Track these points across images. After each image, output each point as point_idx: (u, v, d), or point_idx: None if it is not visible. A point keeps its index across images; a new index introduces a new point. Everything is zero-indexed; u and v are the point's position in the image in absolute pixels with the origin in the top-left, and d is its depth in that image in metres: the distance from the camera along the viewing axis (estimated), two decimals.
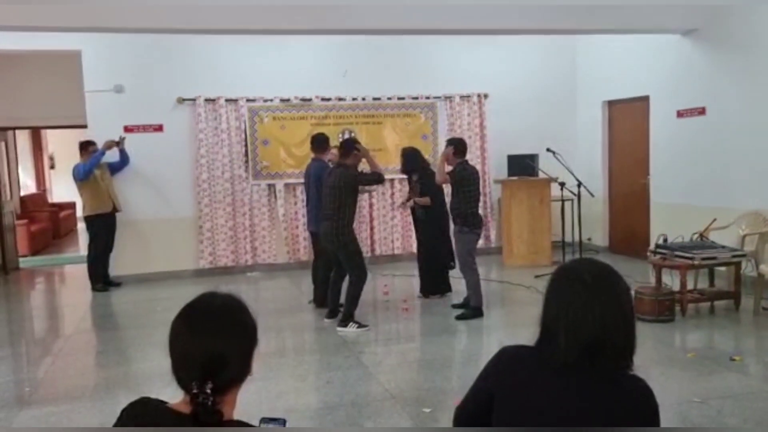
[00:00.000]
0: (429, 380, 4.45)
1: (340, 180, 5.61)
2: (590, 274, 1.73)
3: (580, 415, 1.64)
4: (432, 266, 6.71)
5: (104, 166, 7.73)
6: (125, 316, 6.64)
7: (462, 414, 1.94)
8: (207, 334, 1.45)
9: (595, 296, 1.68)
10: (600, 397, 1.67)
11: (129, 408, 1.51)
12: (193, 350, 1.44)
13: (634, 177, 8.59)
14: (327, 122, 8.50)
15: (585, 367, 1.67)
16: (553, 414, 1.65)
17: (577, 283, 1.72)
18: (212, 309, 1.51)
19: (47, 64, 8.85)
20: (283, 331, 5.85)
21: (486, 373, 1.85)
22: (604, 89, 8.91)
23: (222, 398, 1.43)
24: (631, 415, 1.65)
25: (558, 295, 1.75)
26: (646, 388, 1.72)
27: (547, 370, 1.70)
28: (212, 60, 8.21)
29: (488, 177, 9.07)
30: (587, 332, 1.66)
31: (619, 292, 1.72)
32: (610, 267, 1.79)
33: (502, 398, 1.75)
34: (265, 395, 4.15)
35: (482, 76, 9.01)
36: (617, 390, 1.68)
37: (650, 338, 5.11)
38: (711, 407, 3.79)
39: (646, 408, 1.69)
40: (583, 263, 1.84)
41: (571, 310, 1.69)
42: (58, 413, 4.04)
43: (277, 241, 8.53)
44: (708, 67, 7.26)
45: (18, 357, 5.58)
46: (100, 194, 7.59)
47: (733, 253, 5.80)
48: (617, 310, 1.69)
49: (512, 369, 1.78)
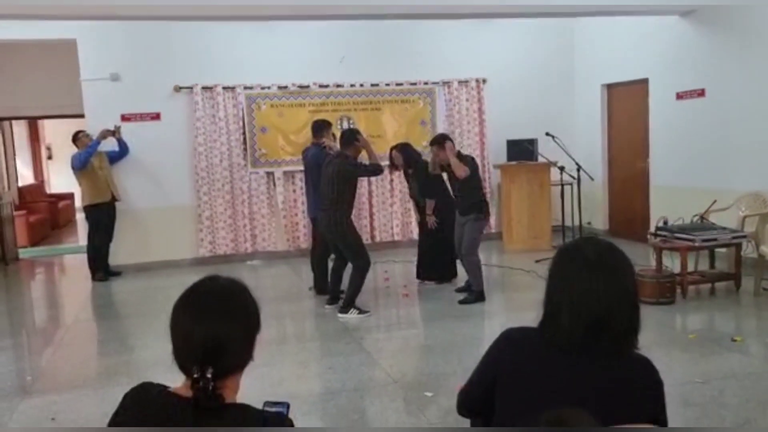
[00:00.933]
0: (431, 365, 4.45)
1: (339, 170, 5.57)
2: (593, 252, 1.71)
3: (586, 394, 1.63)
4: (433, 253, 6.66)
5: (103, 156, 7.69)
6: (126, 305, 6.64)
7: (465, 398, 1.93)
8: (208, 317, 1.44)
9: (598, 274, 1.67)
10: (605, 375, 1.66)
11: (131, 393, 1.50)
12: (194, 333, 1.42)
13: (633, 160, 8.56)
14: (325, 109, 8.46)
15: (589, 346, 1.66)
16: (558, 393, 1.64)
17: (580, 262, 1.70)
18: (214, 292, 1.50)
19: (42, 53, 8.80)
20: (284, 318, 5.86)
21: (489, 356, 1.84)
22: (603, 72, 8.87)
23: (223, 383, 1.42)
24: (637, 393, 1.65)
25: (561, 274, 1.73)
26: (651, 365, 1.71)
27: (551, 351, 1.69)
28: (208, 47, 8.15)
29: (487, 162, 9.04)
30: (591, 310, 1.65)
31: (622, 270, 1.71)
32: (612, 245, 1.78)
33: (506, 380, 1.75)
34: (267, 381, 4.15)
35: (480, 61, 8.96)
36: (622, 368, 1.67)
37: (651, 320, 5.10)
38: (713, 387, 3.80)
39: (651, 384, 1.69)
40: (586, 242, 1.83)
41: (575, 289, 1.68)
42: (60, 402, 4.04)
43: (276, 229, 8.51)
44: (707, 49, 7.22)
45: (19, 347, 5.58)
46: (98, 184, 7.56)
47: (733, 234, 5.79)
48: (621, 287, 1.68)
49: (515, 351, 1.77)
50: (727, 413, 3.47)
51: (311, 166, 6.31)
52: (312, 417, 3.63)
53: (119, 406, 1.49)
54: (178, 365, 1.45)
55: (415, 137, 8.66)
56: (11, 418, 3.82)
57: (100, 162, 7.60)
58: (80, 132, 7.70)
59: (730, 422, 3.36)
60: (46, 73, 8.92)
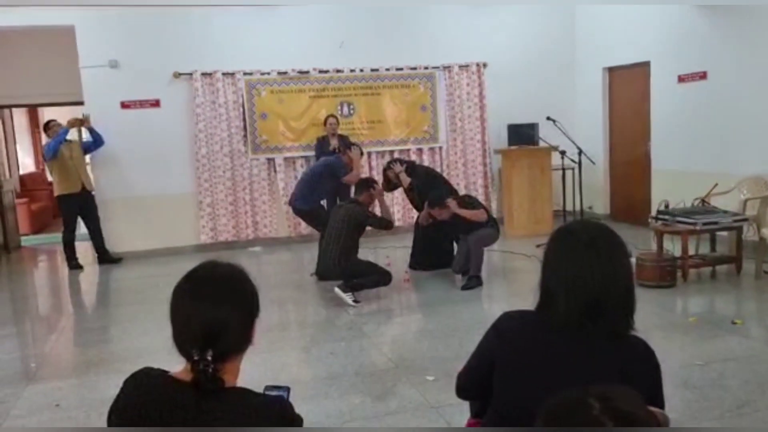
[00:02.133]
0: (432, 349, 4.47)
1: (350, 215, 5.59)
2: (587, 234, 1.72)
3: (583, 375, 1.64)
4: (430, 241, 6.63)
5: (76, 146, 7.71)
6: (127, 292, 6.67)
7: (464, 381, 1.95)
8: (208, 300, 1.46)
9: (591, 256, 1.68)
10: (602, 356, 1.67)
11: (131, 378, 1.52)
12: (193, 317, 1.44)
13: (634, 144, 8.54)
14: (325, 94, 8.44)
15: (586, 328, 1.67)
16: (556, 375, 1.66)
17: (575, 243, 1.71)
18: (214, 276, 1.52)
19: (41, 40, 8.76)
20: (285, 304, 5.88)
21: (486, 339, 1.85)
22: (604, 55, 8.82)
23: (222, 366, 1.44)
24: (634, 372, 1.66)
25: (555, 257, 1.75)
26: (647, 346, 1.73)
27: (548, 333, 1.70)
28: (208, 33, 8.11)
29: (488, 147, 9.03)
30: (587, 291, 1.66)
31: (616, 252, 1.72)
32: (606, 227, 1.79)
33: (504, 363, 1.76)
34: (269, 366, 4.18)
35: (481, 45, 8.91)
36: (619, 348, 1.68)
37: (652, 304, 5.12)
38: (713, 370, 3.82)
39: (648, 364, 1.70)
40: (580, 224, 1.83)
41: (569, 271, 1.69)
42: (65, 388, 4.07)
43: (278, 215, 8.52)
44: (709, 31, 7.17)
45: (23, 334, 5.62)
46: (68, 174, 7.53)
47: (734, 218, 5.79)
48: (614, 269, 1.69)
49: (513, 334, 1.78)
50: (727, 395, 3.48)
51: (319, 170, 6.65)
52: (314, 401, 3.65)
53: (120, 392, 1.51)
54: (177, 348, 1.47)
55: (416, 123, 8.65)
56: (16, 404, 3.85)
57: (71, 152, 7.58)
58: (51, 121, 7.75)
59: (729, 404, 3.38)
60: (45, 60, 8.88)
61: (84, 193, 7.67)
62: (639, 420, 1.04)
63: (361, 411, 3.58)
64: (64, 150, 7.49)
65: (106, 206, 8.05)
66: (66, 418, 3.62)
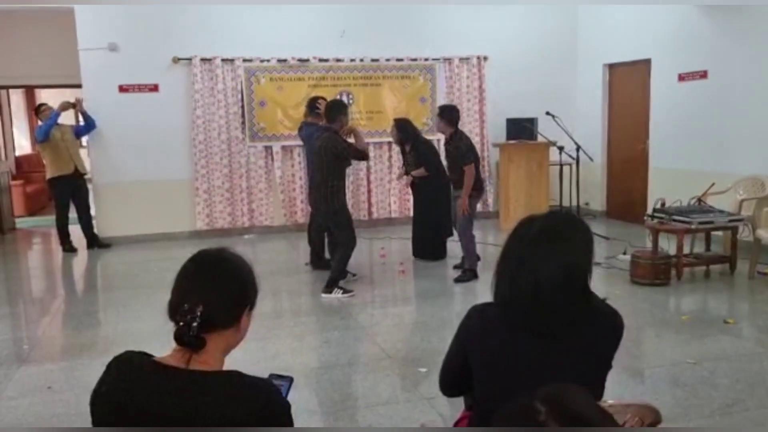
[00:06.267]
0: (425, 341, 4.48)
1: (326, 146, 5.43)
2: (542, 224, 1.71)
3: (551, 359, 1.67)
4: (426, 233, 6.70)
5: (67, 129, 7.71)
6: (122, 277, 6.66)
7: (445, 376, 1.96)
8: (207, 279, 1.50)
9: (538, 245, 1.67)
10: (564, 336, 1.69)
11: (114, 362, 1.51)
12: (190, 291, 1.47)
13: (633, 141, 8.54)
14: (324, 84, 8.40)
15: (537, 311, 1.68)
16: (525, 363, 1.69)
17: (528, 229, 1.72)
18: (218, 259, 1.56)
19: (40, 22, 8.69)
20: (280, 292, 5.88)
21: (457, 336, 1.87)
22: (605, 52, 8.80)
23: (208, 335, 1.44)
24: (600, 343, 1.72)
25: (507, 245, 1.77)
26: (611, 315, 1.78)
27: (510, 322, 1.73)
28: (208, 19, 8.06)
29: (486, 140, 9.02)
30: (529, 281, 1.66)
31: (570, 242, 1.69)
32: (572, 216, 1.79)
33: (477, 356, 1.78)
34: (262, 355, 4.18)
35: (482, 38, 8.88)
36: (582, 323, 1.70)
37: (645, 301, 5.13)
38: (704, 368, 3.84)
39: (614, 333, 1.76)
40: (539, 217, 1.80)
41: (514, 258, 1.71)
42: (57, 370, 4.07)
43: (274, 204, 8.50)
44: (710, 30, 7.16)
45: (16, 316, 5.60)
46: (60, 156, 7.53)
47: (730, 217, 5.80)
48: (563, 260, 1.66)
49: (481, 326, 1.80)
50: (717, 394, 3.50)
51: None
52: (306, 390, 3.66)
53: (102, 376, 1.49)
54: (169, 317, 1.47)
55: (415, 114, 8.62)
56: (7, 386, 3.85)
57: (62, 134, 7.57)
58: (42, 105, 7.76)
59: (719, 403, 3.40)
60: (43, 41, 8.82)
61: (76, 175, 7.65)
62: (588, 420, 1.04)
63: (353, 401, 3.59)
64: (55, 132, 7.47)
65: (101, 190, 8.04)
66: (58, 400, 3.62)
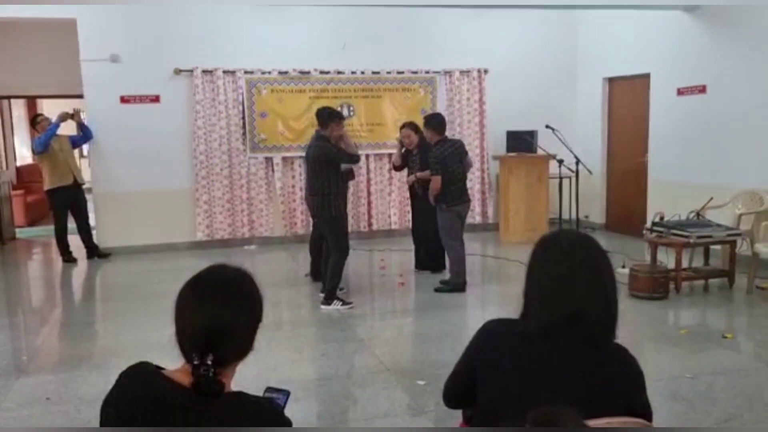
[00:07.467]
0: (424, 353, 4.49)
1: (317, 154, 5.52)
2: (568, 241, 1.73)
3: (564, 385, 1.65)
4: (425, 242, 6.71)
5: (64, 139, 7.73)
6: (122, 287, 6.66)
7: (449, 389, 1.97)
8: (214, 304, 1.45)
9: (573, 263, 1.69)
10: (581, 364, 1.67)
11: (127, 371, 1.50)
12: (198, 319, 1.43)
13: (632, 155, 8.57)
14: (325, 96, 8.44)
15: (568, 337, 1.67)
16: (537, 385, 1.67)
17: (556, 251, 1.72)
18: (221, 280, 1.51)
19: (42, 32, 8.75)
20: (279, 304, 5.88)
21: (470, 348, 1.87)
22: (605, 66, 8.86)
23: (222, 371, 1.43)
24: (618, 380, 1.67)
25: (537, 265, 1.76)
26: (629, 353, 1.73)
27: (530, 342, 1.71)
28: (209, 30, 8.11)
29: (486, 153, 9.05)
30: (566, 301, 1.66)
31: (597, 259, 1.72)
32: (587, 235, 1.80)
33: (486, 372, 1.77)
34: (261, 366, 4.18)
35: (483, 51, 8.94)
36: (601, 357, 1.68)
37: (644, 315, 5.13)
38: (702, 383, 3.84)
39: (631, 372, 1.71)
40: (562, 233, 1.85)
41: (550, 280, 1.70)
42: (55, 382, 4.07)
43: (274, 215, 8.52)
44: (710, 45, 7.21)
45: (15, 326, 5.60)
46: (59, 167, 7.54)
47: (728, 232, 5.82)
48: (596, 278, 1.69)
49: (494, 343, 1.79)
50: (715, 408, 3.50)
51: None
52: (304, 403, 3.66)
53: (115, 384, 1.49)
54: (179, 349, 1.46)
55: None
56: (6, 397, 3.85)
57: (60, 145, 7.59)
58: (39, 116, 7.80)
59: (717, 417, 3.40)
60: (45, 52, 8.88)
61: (75, 185, 7.67)
62: None
63: (351, 413, 3.59)
64: (53, 143, 7.49)
65: (102, 200, 8.06)
66: (56, 411, 3.62)
